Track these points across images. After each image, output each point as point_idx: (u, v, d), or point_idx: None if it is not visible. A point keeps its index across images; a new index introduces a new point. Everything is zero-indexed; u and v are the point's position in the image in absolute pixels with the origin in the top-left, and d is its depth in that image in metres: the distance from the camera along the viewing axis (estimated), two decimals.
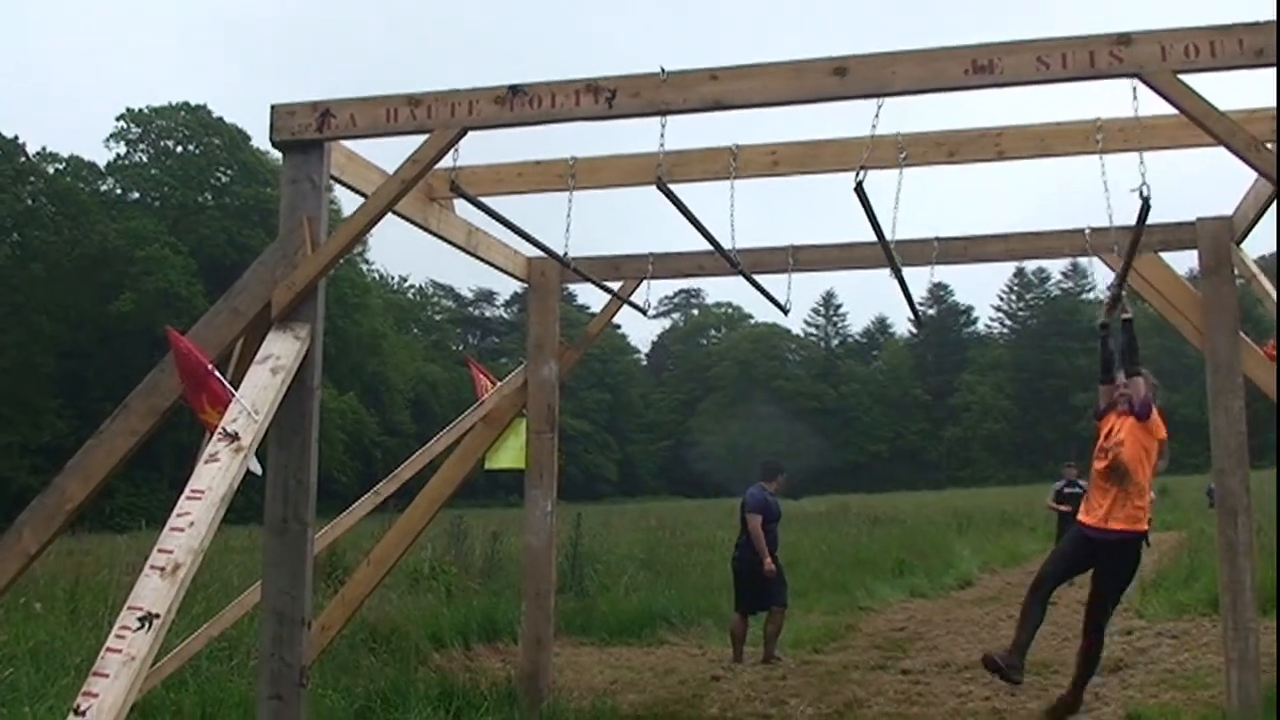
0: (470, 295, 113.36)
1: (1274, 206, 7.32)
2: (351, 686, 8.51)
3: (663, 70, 5.43)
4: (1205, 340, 8.31)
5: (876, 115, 5.52)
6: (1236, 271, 8.33)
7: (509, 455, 9.11)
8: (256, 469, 5.50)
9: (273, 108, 6.08)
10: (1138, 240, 6.40)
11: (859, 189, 5.76)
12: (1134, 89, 5.16)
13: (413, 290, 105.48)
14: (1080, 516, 7.95)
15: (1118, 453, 7.60)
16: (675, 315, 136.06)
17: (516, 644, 10.16)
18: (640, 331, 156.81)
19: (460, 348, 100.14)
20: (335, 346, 66.81)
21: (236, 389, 5.55)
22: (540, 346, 9.23)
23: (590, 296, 10.17)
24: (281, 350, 5.78)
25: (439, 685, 8.73)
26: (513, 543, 15.39)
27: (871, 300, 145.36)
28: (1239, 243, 8.28)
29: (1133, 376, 7.68)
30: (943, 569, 19.97)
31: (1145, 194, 5.57)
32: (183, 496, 5.14)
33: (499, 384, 9.27)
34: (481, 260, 8.62)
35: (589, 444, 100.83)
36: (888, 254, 7.09)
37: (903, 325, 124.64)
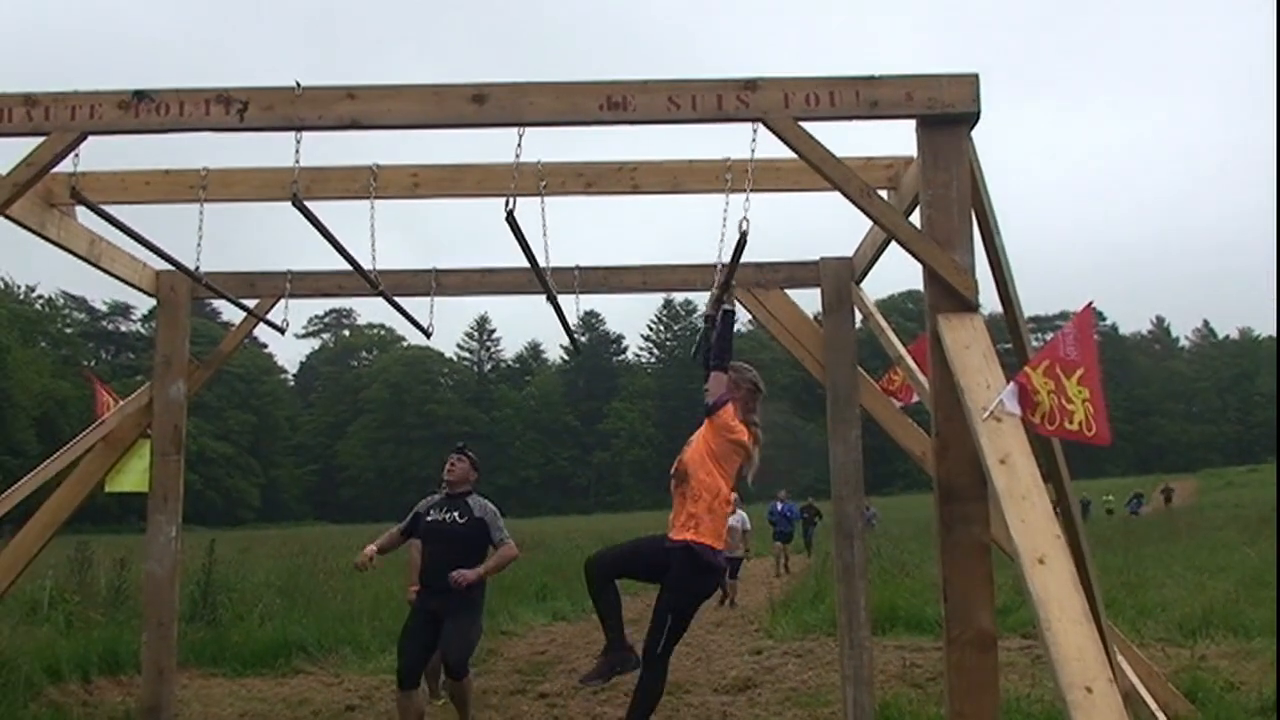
0: (104, 308, 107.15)
1: (890, 249, 7.79)
2: None
3: (298, 85, 5.26)
4: (826, 373, 8.82)
5: (519, 144, 5.56)
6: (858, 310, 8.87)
7: (131, 478, 8.71)
8: None
9: None
10: (735, 264, 6.58)
11: (510, 217, 5.76)
12: (755, 132, 5.38)
13: (41, 301, 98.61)
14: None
15: (681, 455, 6.82)
16: (325, 335, 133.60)
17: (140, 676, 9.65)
18: (288, 351, 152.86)
19: (92, 363, 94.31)
20: None
21: None
22: (168, 364, 8.78)
23: (238, 314, 9.80)
24: None
25: None
26: (141, 570, 14.62)
27: (525, 326, 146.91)
28: (859, 282, 8.81)
29: (716, 370, 6.93)
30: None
31: (744, 228, 5.75)
32: None
33: (121, 402, 8.80)
34: (106, 272, 8.15)
35: (230, 467, 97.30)
36: (541, 280, 7.14)
37: (555, 351, 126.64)
